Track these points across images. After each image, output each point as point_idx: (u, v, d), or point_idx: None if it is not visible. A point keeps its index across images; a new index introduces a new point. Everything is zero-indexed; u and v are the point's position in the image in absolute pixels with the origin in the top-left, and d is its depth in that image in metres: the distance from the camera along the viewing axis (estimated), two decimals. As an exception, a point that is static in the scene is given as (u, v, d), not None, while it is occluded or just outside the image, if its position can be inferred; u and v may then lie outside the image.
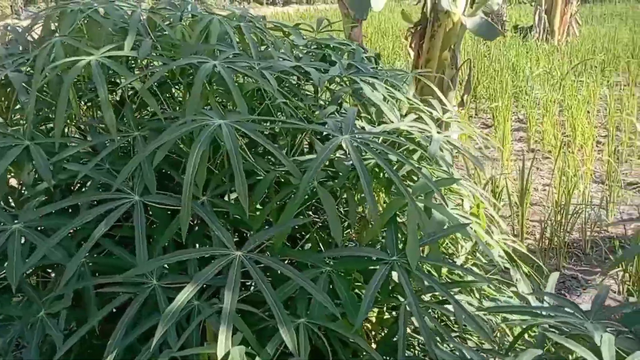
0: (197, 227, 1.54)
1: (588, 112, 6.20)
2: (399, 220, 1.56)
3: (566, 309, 1.36)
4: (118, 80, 1.67)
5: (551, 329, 1.42)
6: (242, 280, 1.27)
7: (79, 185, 1.59)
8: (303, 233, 1.74)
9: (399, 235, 1.53)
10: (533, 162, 5.30)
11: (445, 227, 1.55)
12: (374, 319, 1.73)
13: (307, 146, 1.84)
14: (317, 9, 25.54)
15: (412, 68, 5.00)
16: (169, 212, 1.42)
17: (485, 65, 8.51)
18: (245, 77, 1.63)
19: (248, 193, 1.59)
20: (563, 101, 6.73)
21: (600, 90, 7.25)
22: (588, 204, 4.10)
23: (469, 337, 1.81)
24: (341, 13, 5.32)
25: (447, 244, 1.94)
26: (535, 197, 4.46)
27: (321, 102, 1.91)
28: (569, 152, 5.02)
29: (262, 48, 1.83)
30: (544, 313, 1.41)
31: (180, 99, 1.86)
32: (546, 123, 5.79)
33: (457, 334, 1.76)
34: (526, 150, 5.77)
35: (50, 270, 1.59)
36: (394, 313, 1.75)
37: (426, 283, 1.42)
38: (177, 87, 1.74)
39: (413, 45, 4.97)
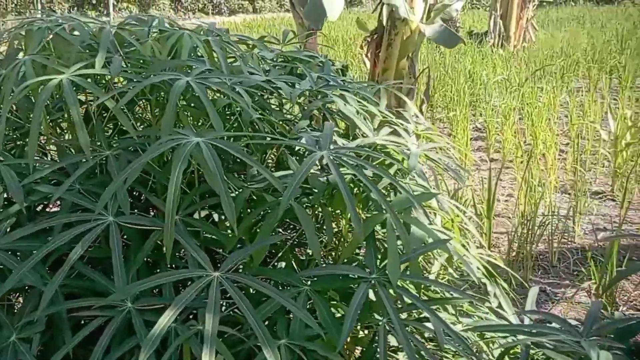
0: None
1: (549, 119, 6.42)
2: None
3: (554, 325, 1.44)
4: (82, 98, 1.70)
5: (533, 346, 1.50)
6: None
7: (42, 205, 1.62)
8: (273, 251, 1.79)
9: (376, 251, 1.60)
10: (498, 172, 5.47)
11: (425, 243, 1.62)
12: (349, 338, 1.79)
13: (273, 162, 1.90)
14: (264, 17, 25.66)
15: (368, 78, 5.10)
16: (142, 233, 1.46)
17: (441, 73, 8.73)
18: (217, 93, 1.68)
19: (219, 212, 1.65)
20: (522, 109, 6.95)
21: (560, 97, 7.51)
22: (555, 215, 4.26)
23: (445, 354, 1.89)
24: (295, 23, 5.42)
25: (419, 259, 2.01)
26: (499, 207, 4.60)
27: (288, 116, 1.97)
28: (531, 161, 5.20)
29: (230, 61, 1.89)
30: (527, 330, 1.49)
31: (141, 114, 1.90)
32: (506, 132, 5.97)
33: (433, 351, 1.83)
34: (487, 160, 5.95)
35: (12, 293, 1.61)
36: (366, 331, 1.82)
37: (408, 301, 1.50)
38: (143, 102, 1.78)
39: (369, 54, 5.07)
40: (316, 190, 1.62)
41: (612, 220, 4.36)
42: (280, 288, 1.56)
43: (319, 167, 1.68)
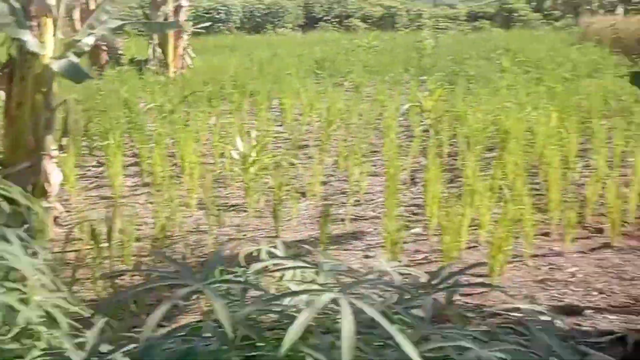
0: None
1: (197, 141, 6.53)
2: None
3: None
4: None
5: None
6: None
7: None
8: None
9: None
10: (144, 196, 5.41)
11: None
12: None
13: None
14: None
15: (4, 111, 4.67)
16: None
17: (97, 102, 8.41)
18: None
19: None
20: (175, 133, 6.98)
21: (208, 120, 7.69)
22: (193, 231, 4.34)
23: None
24: None
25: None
26: (146, 231, 4.51)
27: None
28: (178, 182, 5.24)
29: None
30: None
31: None
32: (156, 157, 5.91)
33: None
34: (140, 185, 5.85)
35: None
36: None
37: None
38: None
39: (4, 87, 4.65)
40: None
41: (242, 230, 4.55)
42: None
43: None
